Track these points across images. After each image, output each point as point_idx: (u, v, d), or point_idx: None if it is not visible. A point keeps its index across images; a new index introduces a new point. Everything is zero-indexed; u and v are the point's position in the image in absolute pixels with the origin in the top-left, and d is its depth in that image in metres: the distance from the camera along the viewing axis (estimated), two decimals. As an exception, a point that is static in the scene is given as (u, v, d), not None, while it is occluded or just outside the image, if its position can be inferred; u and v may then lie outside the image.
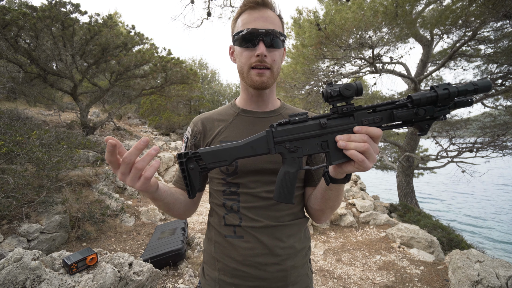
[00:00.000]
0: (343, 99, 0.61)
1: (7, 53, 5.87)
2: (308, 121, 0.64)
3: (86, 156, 5.33)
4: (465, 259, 2.92)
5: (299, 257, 0.82)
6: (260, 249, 0.77)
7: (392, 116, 0.59)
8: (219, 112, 0.91)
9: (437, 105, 0.57)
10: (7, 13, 5.42)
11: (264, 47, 0.74)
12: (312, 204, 0.84)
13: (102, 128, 9.11)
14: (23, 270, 1.46)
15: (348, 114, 0.62)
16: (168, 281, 2.63)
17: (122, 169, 0.58)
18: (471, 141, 7.53)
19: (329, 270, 3.32)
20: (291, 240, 0.80)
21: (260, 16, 0.76)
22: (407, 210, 6.54)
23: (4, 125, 4.41)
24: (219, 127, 0.85)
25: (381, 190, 17.46)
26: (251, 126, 0.84)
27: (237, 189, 0.80)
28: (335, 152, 0.62)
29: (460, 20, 5.64)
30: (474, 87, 0.55)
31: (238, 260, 0.78)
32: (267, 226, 0.78)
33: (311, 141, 0.64)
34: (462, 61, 7.37)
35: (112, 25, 7.03)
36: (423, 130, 0.59)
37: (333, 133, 0.62)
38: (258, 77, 0.77)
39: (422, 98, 0.56)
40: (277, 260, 0.77)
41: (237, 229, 0.79)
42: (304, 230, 0.87)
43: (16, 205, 3.02)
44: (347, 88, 0.59)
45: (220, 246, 0.82)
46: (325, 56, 6.88)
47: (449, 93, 0.55)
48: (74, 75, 7.23)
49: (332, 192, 0.73)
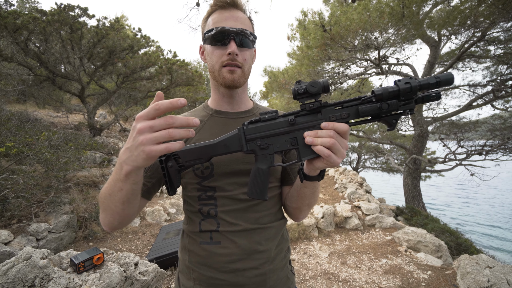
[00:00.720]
0: (311, 96, 0.62)
1: (18, 57, 6.02)
2: (278, 119, 0.66)
3: (93, 157, 5.41)
4: (474, 264, 2.85)
5: (278, 260, 0.81)
6: (238, 255, 0.75)
7: (358, 111, 0.61)
8: (191, 113, 0.90)
9: (401, 99, 0.58)
10: (18, 17, 5.57)
11: (235, 46, 0.74)
12: (289, 203, 0.84)
13: (109, 129, 9.24)
14: (32, 269, 1.49)
15: (316, 110, 0.64)
16: (172, 282, 2.64)
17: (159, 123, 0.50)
18: (480, 143, 7.39)
19: (334, 273, 3.28)
20: (269, 244, 0.79)
21: (230, 16, 0.76)
22: (414, 213, 6.43)
23: (15, 126, 4.51)
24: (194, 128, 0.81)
25: (387, 193, 17.24)
26: (224, 127, 0.82)
27: (214, 193, 0.77)
28: (304, 148, 0.63)
29: (468, 20, 5.55)
30: (436, 80, 0.55)
31: (214, 267, 0.75)
32: (245, 230, 0.76)
33: (281, 138, 0.66)
34: (471, 62, 7.25)
35: (119, 28, 7.15)
36: (391, 125, 0.59)
37: (301, 129, 0.64)
38: (229, 74, 0.76)
39: (384, 93, 0.58)
40: (255, 264, 0.75)
41: (214, 234, 0.76)
42: (282, 232, 0.86)
43: (26, 205, 3.08)
44: (312, 85, 0.61)
45: (194, 255, 0.78)
46: (330, 58, 6.86)
47: (411, 87, 0.56)
48: (82, 77, 7.38)
49: (307, 190, 0.74)
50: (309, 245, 4.12)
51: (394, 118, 0.59)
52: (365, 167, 15.13)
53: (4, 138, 3.87)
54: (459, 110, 7.30)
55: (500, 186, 19.94)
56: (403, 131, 9.05)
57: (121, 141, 8.32)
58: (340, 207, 5.12)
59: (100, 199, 0.66)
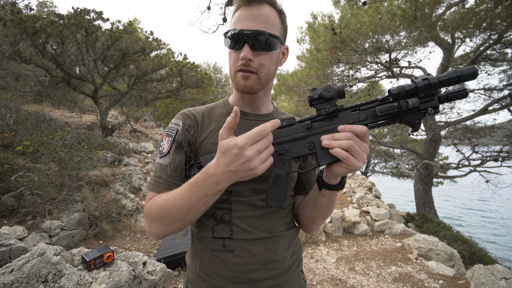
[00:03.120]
0: (326, 101, 0.62)
1: (36, 59, 6.26)
2: (295, 124, 0.66)
3: (104, 156, 5.54)
4: (489, 274, 2.74)
5: (292, 269, 0.78)
6: (252, 264, 0.71)
7: (375, 113, 0.59)
8: (211, 109, 0.84)
9: (420, 96, 0.55)
10: (37, 21, 5.80)
11: (248, 50, 0.68)
12: (303, 213, 0.80)
13: (120, 130, 9.46)
14: (46, 265, 1.53)
15: (332, 114, 0.63)
16: (180, 282, 2.66)
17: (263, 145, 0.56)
18: (496, 149, 7.12)
19: (341, 279, 3.22)
20: (284, 253, 0.76)
21: (250, 15, 0.69)
22: (425, 220, 6.25)
23: (31, 126, 4.68)
24: (210, 127, 0.79)
25: (397, 198, 16.84)
26: (244, 128, 0.78)
27: (229, 197, 0.73)
28: (322, 152, 0.62)
29: (484, 23, 5.40)
30: (457, 75, 0.52)
31: (227, 277, 0.71)
32: (261, 238, 0.73)
33: (298, 143, 0.65)
34: (487, 66, 7.03)
35: (132, 31, 7.34)
36: (414, 125, 0.56)
37: (318, 134, 0.63)
38: (243, 80, 0.72)
39: (401, 91, 0.56)
40: (270, 274, 0.72)
41: (227, 242, 0.72)
42: (296, 241, 0.83)
43: (40, 202, 3.18)
44: (327, 90, 0.61)
45: (206, 263, 0.74)
46: (340, 61, 6.81)
47: (429, 83, 0.54)
48: (95, 79, 7.60)
49: (324, 199, 0.72)
50: (316, 249, 4.07)
51: (417, 117, 0.56)
52: (375, 171, 14.84)
53: (21, 137, 4.02)
54: (473, 115, 7.08)
55: (517, 194, 19.13)
56: (415, 135, 8.84)
57: (132, 142, 8.49)
58: (348, 211, 5.04)
59: (163, 214, 0.64)
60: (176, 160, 0.73)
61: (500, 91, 6.90)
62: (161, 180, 0.72)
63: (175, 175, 0.73)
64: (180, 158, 0.74)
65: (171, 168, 0.73)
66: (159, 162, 0.75)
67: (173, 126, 0.77)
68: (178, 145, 0.74)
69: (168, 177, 0.73)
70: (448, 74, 0.53)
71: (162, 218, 0.65)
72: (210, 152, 0.75)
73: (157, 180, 0.73)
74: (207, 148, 0.76)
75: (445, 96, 0.54)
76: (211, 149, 0.75)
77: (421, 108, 0.55)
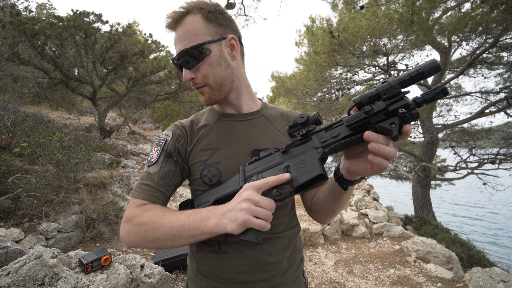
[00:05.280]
0: (302, 126, 0.64)
1: (35, 60, 6.26)
2: (275, 153, 0.68)
3: (102, 158, 5.52)
4: (487, 277, 2.75)
5: (290, 272, 0.76)
6: (247, 266, 0.71)
7: (343, 125, 0.58)
8: (198, 116, 0.87)
9: (385, 98, 0.52)
10: (36, 23, 5.80)
11: (186, 72, 0.72)
12: (321, 209, 0.80)
13: (118, 132, 9.43)
14: (43, 267, 1.52)
15: (306, 137, 0.64)
16: (177, 285, 2.65)
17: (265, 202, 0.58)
18: (493, 152, 7.17)
19: (340, 282, 3.22)
20: (281, 255, 0.74)
21: (176, 38, 0.72)
22: (423, 222, 6.27)
23: (29, 127, 4.66)
24: (198, 134, 0.80)
25: (396, 201, 16.86)
26: (232, 130, 0.80)
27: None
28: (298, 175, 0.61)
29: (480, 26, 5.47)
30: (418, 72, 0.49)
31: (223, 278, 0.72)
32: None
33: (274, 170, 0.65)
34: (483, 69, 7.11)
35: (131, 33, 7.36)
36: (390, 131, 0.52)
37: (294, 157, 0.64)
38: (201, 96, 0.77)
39: (363, 99, 0.55)
40: (265, 276, 0.71)
41: (223, 244, 0.73)
42: (295, 242, 0.81)
43: (37, 204, 3.16)
44: (301, 116, 0.64)
45: (202, 263, 0.75)
46: (338, 64, 6.85)
47: (388, 83, 0.52)
48: (94, 81, 7.59)
49: (346, 194, 0.72)
50: (314, 252, 4.06)
51: (391, 122, 0.52)
52: (373, 174, 14.84)
53: (19, 138, 4.00)
54: (470, 118, 7.14)
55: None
56: (412, 138, 8.89)
57: (130, 143, 8.47)
58: (346, 214, 5.04)
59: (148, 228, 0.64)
60: (165, 169, 0.74)
61: (496, 94, 6.97)
62: (146, 187, 0.72)
63: (162, 183, 0.73)
64: (169, 167, 0.75)
65: (159, 176, 0.73)
66: (146, 170, 0.75)
67: (163, 137, 0.79)
68: (167, 154, 0.75)
69: (155, 184, 0.73)
70: (408, 72, 0.51)
71: (146, 232, 0.64)
72: (200, 160, 0.76)
73: (142, 187, 0.72)
74: (196, 155, 0.77)
75: (421, 98, 0.51)
76: (199, 155, 0.76)
77: (390, 110, 0.52)
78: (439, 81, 7.47)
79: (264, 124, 0.84)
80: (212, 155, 0.76)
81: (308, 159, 0.61)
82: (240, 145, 0.78)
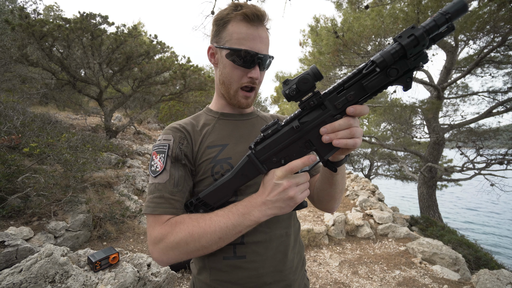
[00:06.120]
0: (306, 93, 0.57)
1: (43, 62, 6.37)
2: (282, 129, 0.62)
3: (108, 158, 5.60)
4: (495, 279, 2.71)
5: (299, 268, 0.79)
6: (265, 268, 0.70)
7: (363, 88, 0.53)
8: (195, 118, 0.84)
9: (409, 57, 0.48)
10: (44, 25, 5.91)
11: (259, 71, 0.74)
12: (322, 197, 0.80)
13: (124, 132, 9.54)
14: (53, 265, 1.56)
15: (318, 105, 0.58)
16: (183, 284, 2.67)
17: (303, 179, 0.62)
18: (501, 152, 7.06)
19: (344, 283, 3.21)
20: (292, 253, 0.77)
21: (258, 36, 0.72)
22: (429, 223, 6.20)
23: (38, 128, 4.76)
24: (201, 134, 0.78)
25: (401, 202, 16.70)
26: (235, 129, 0.81)
27: (236, 198, 0.71)
28: (322, 146, 0.59)
29: (488, 25, 5.39)
30: (446, 17, 0.45)
31: (240, 284, 0.70)
32: (270, 240, 0.73)
33: (294, 146, 0.61)
34: (491, 68, 7.00)
35: (136, 35, 7.44)
36: (406, 85, 0.51)
37: (311, 130, 0.59)
38: (244, 99, 0.78)
39: (387, 58, 0.48)
40: (281, 276, 0.72)
41: (238, 248, 0.70)
42: (299, 238, 0.84)
43: (46, 203, 3.22)
44: (304, 82, 0.55)
45: (217, 272, 0.71)
46: (342, 64, 6.82)
47: (416, 38, 0.46)
48: (100, 81, 7.70)
49: (338, 175, 0.73)
50: (319, 252, 4.05)
51: (408, 76, 0.50)
52: (378, 174, 14.75)
53: (28, 138, 4.09)
54: (478, 117, 7.04)
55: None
56: (418, 138, 8.79)
57: (135, 143, 8.56)
58: (351, 215, 5.02)
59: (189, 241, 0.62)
60: (176, 175, 0.69)
61: (504, 94, 6.86)
62: (162, 200, 0.67)
63: (176, 191, 0.69)
64: (179, 172, 0.70)
65: (171, 184, 0.68)
66: (154, 182, 0.69)
67: (163, 142, 0.73)
68: (174, 159, 0.71)
69: (170, 194, 0.68)
70: (435, 19, 0.46)
71: (186, 245, 0.62)
72: (209, 157, 0.73)
73: (156, 201, 0.67)
74: (204, 153, 0.74)
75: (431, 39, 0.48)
76: (207, 153, 0.74)
77: (411, 67, 0.49)
78: (446, 80, 7.38)
79: (262, 124, 0.87)
80: (221, 151, 0.74)
81: None
82: (246, 142, 0.78)
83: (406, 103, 8.22)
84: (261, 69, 0.75)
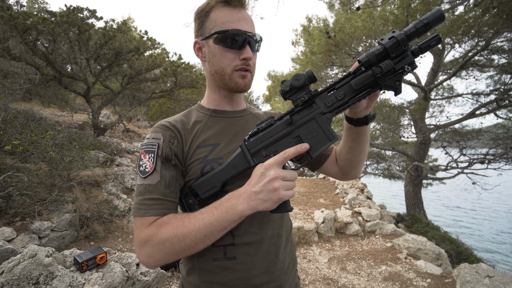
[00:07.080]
0: (299, 90, 0.60)
1: (26, 56, 6.12)
2: (275, 123, 0.64)
3: (96, 156, 5.47)
4: (474, 273, 2.85)
5: (290, 268, 0.79)
6: (256, 269, 0.70)
7: (352, 87, 0.56)
8: (186, 115, 0.80)
9: (392, 57, 0.52)
10: (28, 18, 5.68)
11: (251, 52, 0.71)
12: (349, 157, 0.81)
13: (112, 129, 9.32)
14: (37, 266, 1.52)
15: (309, 102, 0.61)
16: (173, 283, 2.66)
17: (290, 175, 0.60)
18: (482, 152, 7.36)
19: (333, 279, 3.28)
20: (283, 253, 0.76)
21: (243, 17, 0.71)
22: (414, 220, 6.41)
23: (21, 125, 4.58)
24: (192, 132, 0.74)
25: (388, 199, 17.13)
26: (228, 127, 0.78)
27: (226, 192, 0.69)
28: (312, 142, 0.61)
29: (472, 30, 5.59)
30: (424, 22, 0.49)
31: (230, 285, 0.69)
32: (262, 241, 0.71)
33: (284, 141, 0.63)
34: (475, 71, 7.27)
35: (126, 30, 7.26)
36: (396, 89, 0.54)
37: (301, 126, 0.62)
38: (242, 79, 0.73)
39: (370, 57, 0.53)
40: (272, 277, 0.71)
41: (229, 249, 0.69)
42: (290, 238, 0.83)
43: (30, 203, 3.12)
44: (296, 79, 0.59)
45: (206, 273, 0.70)
46: (334, 64, 6.91)
47: (397, 40, 0.50)
48: (88, 77, 7.47)
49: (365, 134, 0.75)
50: (308, 249, 4.12)
51: (396, 79, 0.53)
52: (367, 173, 15.06)
53: (10, 136, 3.93)
54: (462, 118, 7.31)
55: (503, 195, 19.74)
56: (406, 138, 9.04)
57: (124, 141, 8.39)
58: (340, 212, 5.12)
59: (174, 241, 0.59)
60: (167, 176, 0.67)
61: (487, 96, 7.15)
62: (153, 202, 0.64)
63: (169, 192, 0.66)
64: (171, 173, 0.68)
65: (163, 186, 0.66)
66: (144, 183, 0.66)
67: (152, 141, 0.69)
68: (164, 159, 0.68)
69: (162, 195, 0.65)
70: (414, 25, 0.50)
71: (172, 246, 0.59)
72: (199, 157, 0.71)
73: (147, 203, 0.64)
74: (194, 153, 0.72)
75: (418, 48, 0.52)
76: (197, 152, 0.72)
77: (397, 69, 0.52)
78: (432, 82, 7.60)
79: (255, 122, 0.85)
80: (212, 151, 0.72)
81: (319, 126, 0.60)
82: (238, 141, 0.75)
83: (395, 104, 8.44)
84: (252, 50, 0.73)
